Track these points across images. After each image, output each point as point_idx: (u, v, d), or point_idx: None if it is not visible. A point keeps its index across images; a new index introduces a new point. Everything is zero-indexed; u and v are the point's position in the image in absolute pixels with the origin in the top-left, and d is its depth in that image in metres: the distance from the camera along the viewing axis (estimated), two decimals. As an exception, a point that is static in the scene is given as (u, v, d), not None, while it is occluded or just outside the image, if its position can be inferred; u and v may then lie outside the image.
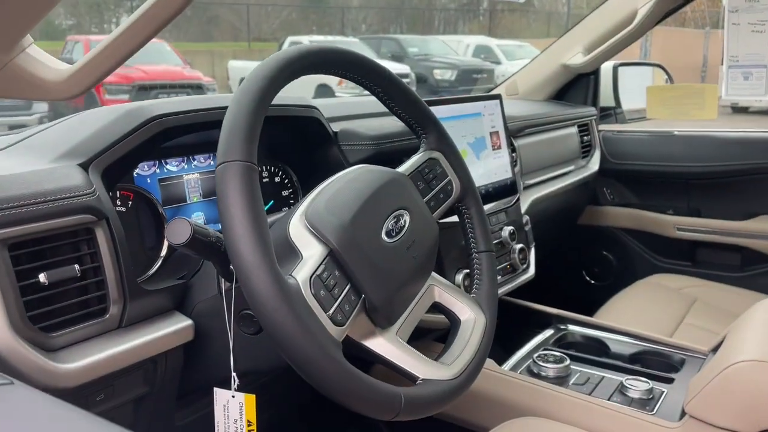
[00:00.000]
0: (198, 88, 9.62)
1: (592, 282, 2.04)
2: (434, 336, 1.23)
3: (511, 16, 22.64)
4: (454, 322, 0.85)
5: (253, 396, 0.75)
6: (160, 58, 9.84)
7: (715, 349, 1.14)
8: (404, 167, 0.88)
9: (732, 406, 0.89)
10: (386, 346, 0.75)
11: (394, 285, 0.76)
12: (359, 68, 0.83)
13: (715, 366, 0.95)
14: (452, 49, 13.93)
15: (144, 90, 8.87)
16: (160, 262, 0.89)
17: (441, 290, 0.86)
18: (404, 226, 0.79)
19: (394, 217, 0.78)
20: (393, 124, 1.12)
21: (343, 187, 0.77)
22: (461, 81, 11.72)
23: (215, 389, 0.77)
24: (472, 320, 0.85)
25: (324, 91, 9.95)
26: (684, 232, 1.85)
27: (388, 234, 0.76)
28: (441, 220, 0.91)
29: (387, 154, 1.09)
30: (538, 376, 1.16)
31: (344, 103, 1.37)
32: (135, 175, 0.92)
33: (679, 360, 1.22)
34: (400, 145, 1.11)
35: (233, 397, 0.75)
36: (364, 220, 0.75)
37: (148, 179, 0.93)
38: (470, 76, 11.93)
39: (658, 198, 1.90)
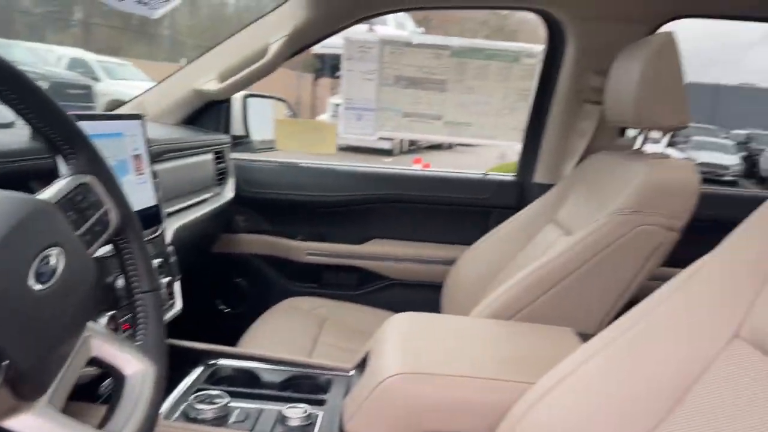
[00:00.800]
0: None
1: (229, 311, 2.02)
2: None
3: (110, 32, 21.37)
4: (118, 378, 0.72)
5: None
6: None
7: (358, 367, 1.23)
8: (49, 194, 0.70)
9: (388, 418, 0.97)
10: (37, 422, 0.58)
11: (49, 343, 0.59)
12: None
13: (367, 383, 1.03)
14: (42, 59, 12.39)
15: None
16: None
17: (100, 341, 0.71)
18: (57, 267, 0.63)
19: (44, 257, 0.62)
20: (15, 139, 0.90)
21: None
22: (56, 95, 10.48)
23: None
24: (140, 373, 0.73)
25: None
26: (312, 256, 1.99)
27: (38, 279, 0.60)
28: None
29: (9, 176, 0.87)
30: (195, 420, 1.07)
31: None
32: None
33: (326, 381, 1.29)
34: (27, 166, 0.90)
35: None
36: (5, 262, 0.57)
37: None
38: (65, 91, 10.78)
39: (289, 225, 2.01)
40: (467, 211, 2.03)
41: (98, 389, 1.09)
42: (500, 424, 0.89)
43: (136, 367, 0.73)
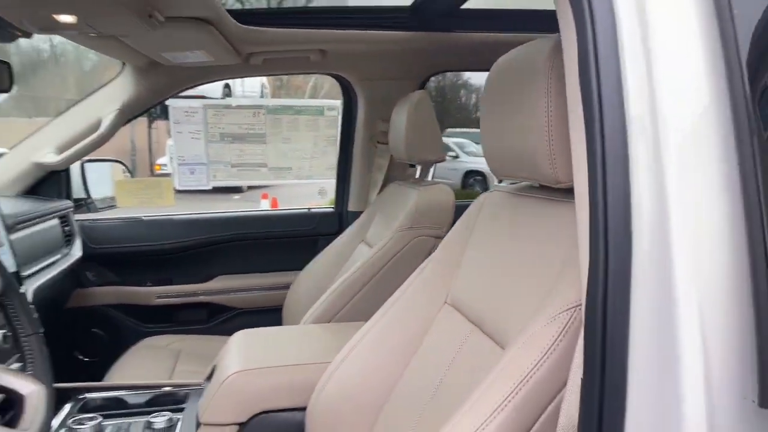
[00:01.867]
0: None
1: (87, 360, 2.19)
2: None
3: None
4: (19, 397, 0.97)
5: None
6: None
7: (208, 378, 1.52)
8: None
9: (230, 406, 1.28)
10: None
11: None
12: None
13: (214, 384, 1.33)
14: None
15: None
16: None
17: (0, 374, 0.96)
18: None
19: None
20: None
21: None
22: None
23: None
24: (35, 392, 0.98)
25: None
26: (162, 299, 2.23)
27: None
28: None
29: None
30: (75, 437, 1.30)
31: None
32: None
33: (184, 395, 1.56)
34: None
35: None
36: None
37: None
38: None
39: (137, 274, 2.23)
40: (297, 241, 2.38)
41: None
42: (311, 396, 1.24)
43: (31, 388, 0.99)
